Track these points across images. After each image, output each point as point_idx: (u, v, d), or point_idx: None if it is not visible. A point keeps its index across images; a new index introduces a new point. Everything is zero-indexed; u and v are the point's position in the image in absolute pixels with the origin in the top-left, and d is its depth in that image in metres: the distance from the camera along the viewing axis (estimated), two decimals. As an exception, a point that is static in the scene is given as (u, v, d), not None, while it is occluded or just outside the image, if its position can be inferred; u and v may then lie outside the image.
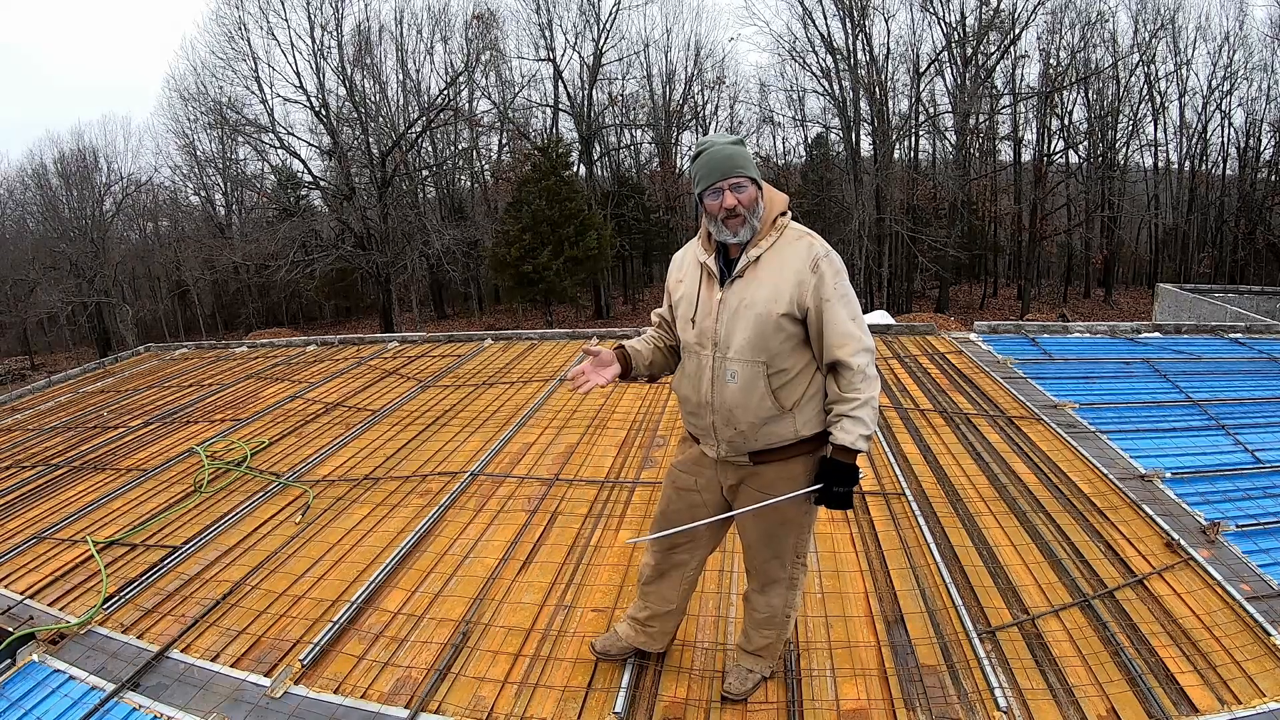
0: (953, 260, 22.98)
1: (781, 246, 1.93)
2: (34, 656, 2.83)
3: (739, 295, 1.93)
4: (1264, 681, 2.31)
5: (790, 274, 1.89)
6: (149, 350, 9.86)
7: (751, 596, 2.29)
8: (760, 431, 1.96)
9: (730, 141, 1.92)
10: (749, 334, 1.90)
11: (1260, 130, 23.66)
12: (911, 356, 6.38)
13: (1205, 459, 4.03)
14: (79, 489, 4.66)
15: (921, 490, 3.74)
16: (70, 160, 26.08)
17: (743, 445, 2.00)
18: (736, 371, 1.93)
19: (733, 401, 1.94)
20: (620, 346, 2.13)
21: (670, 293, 2.15)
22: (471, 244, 23.96)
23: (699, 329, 2.00)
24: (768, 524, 2.13)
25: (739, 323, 1.92)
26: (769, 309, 1.88)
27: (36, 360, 25.50)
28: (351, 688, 2.51)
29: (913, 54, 23.29)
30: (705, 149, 1.92)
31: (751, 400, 1.93)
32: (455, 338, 8.54)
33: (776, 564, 2.19)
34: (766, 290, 1.90)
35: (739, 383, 1.93)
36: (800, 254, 1.91)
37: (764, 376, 1.91)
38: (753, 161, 1.93)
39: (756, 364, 1.91)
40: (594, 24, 25.24)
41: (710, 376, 1.97)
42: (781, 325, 1.89)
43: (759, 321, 1.89)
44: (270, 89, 23.39)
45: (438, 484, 4.20)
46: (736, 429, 1.97)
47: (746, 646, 2.34)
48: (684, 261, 2.13)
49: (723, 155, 1.89)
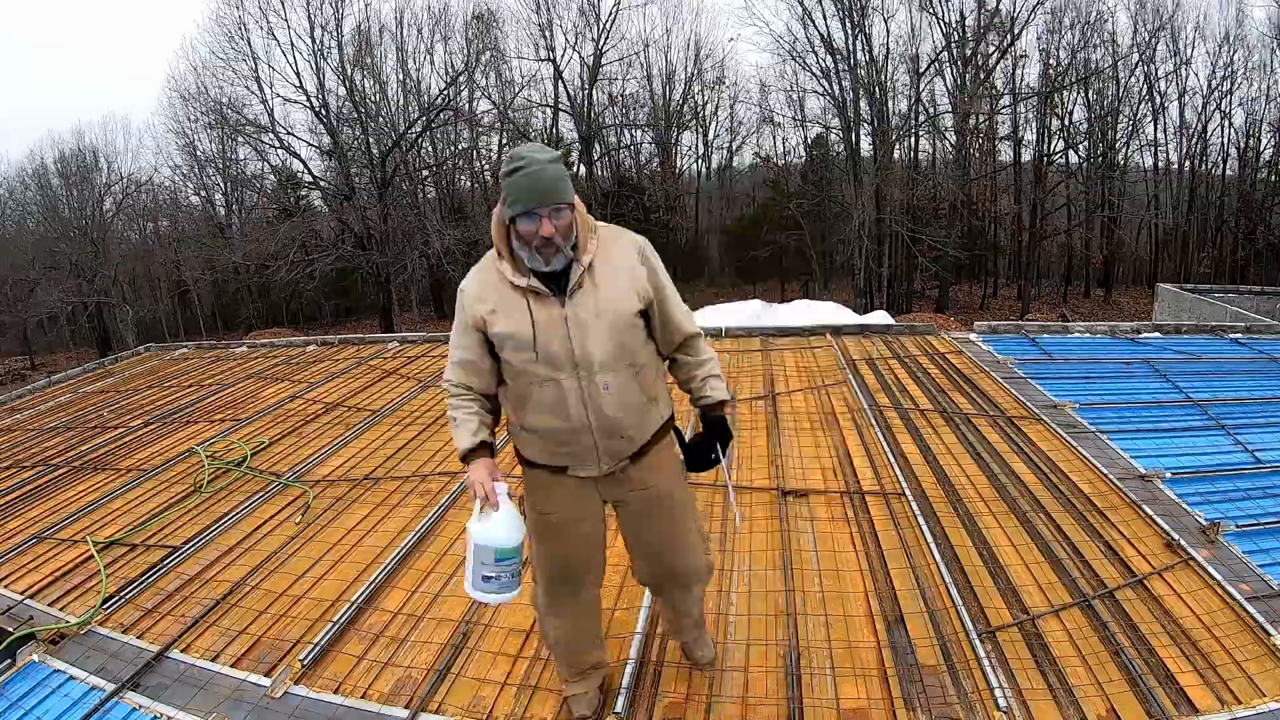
0: (953, 260, 22.94)
1: (606, 248, 1.85)
2: (34, 656, 2.83)
3: (584, 307, 1.79)
4: (1264, 681, 2.31)
5: (625, 272, 1.85)
6: (149, 350, 9.85)
7: (677, 601, 2.27)
8: (642, 429, 1.94)
9: (550, 160, 1.73)
10: (611, 343, 1.81)
11: (1260, 130, 23.64)
12: (911, 356, 6.38)
13: (1205, 459, 4.03)
14: (79, 489, 4.67)
15: (921, 490, 3.74)
16: (70, 160, 26.08)
17: (627, 448, 1.93)
18: (610, 383, 1.83)
19: (613, 412, 1.85)
20: (478, 450, 1.93)
21: (480, 330, 1.86)
22: (471, 244, 23.91)
23: (546, 356, 1.79)
24: (668, 515, 2.07)
25: (596, 334, 1.79)
26: (621, 313, 1.82)
27: (36, 360, 25.47)
28: (351, 688, 2.51)
29: (912, 54, 23.28)
30: (521, 167, 1.70)
31: (629, 402, 1.88)
32: (455, 338, 8.52)
33: (692, 554, 2.15)
34: (614, 293, 1.82)
35: (615, 393, 1.84)
36: (626, 249, 1.88)
37: (634, 378, 1.88)
38: (569, 183, 1.77)
39: (625, 367, 1.85)
40: (594, 24, 25.24)
41: (580, 398, 1.82)
42: (636, 323, 1.86)
43: (616, 328, 1.81)
44: (270, 89, 23.31)
45: (438, 484, 4.20)
46: (624, 436, 1.90)
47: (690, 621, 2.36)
48: (487, 292, 1.84)
49: (544, 179, 1.70)
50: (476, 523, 1.87)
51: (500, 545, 1.86)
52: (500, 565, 1.87)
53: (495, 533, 1.86)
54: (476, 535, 1.87)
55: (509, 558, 1.88)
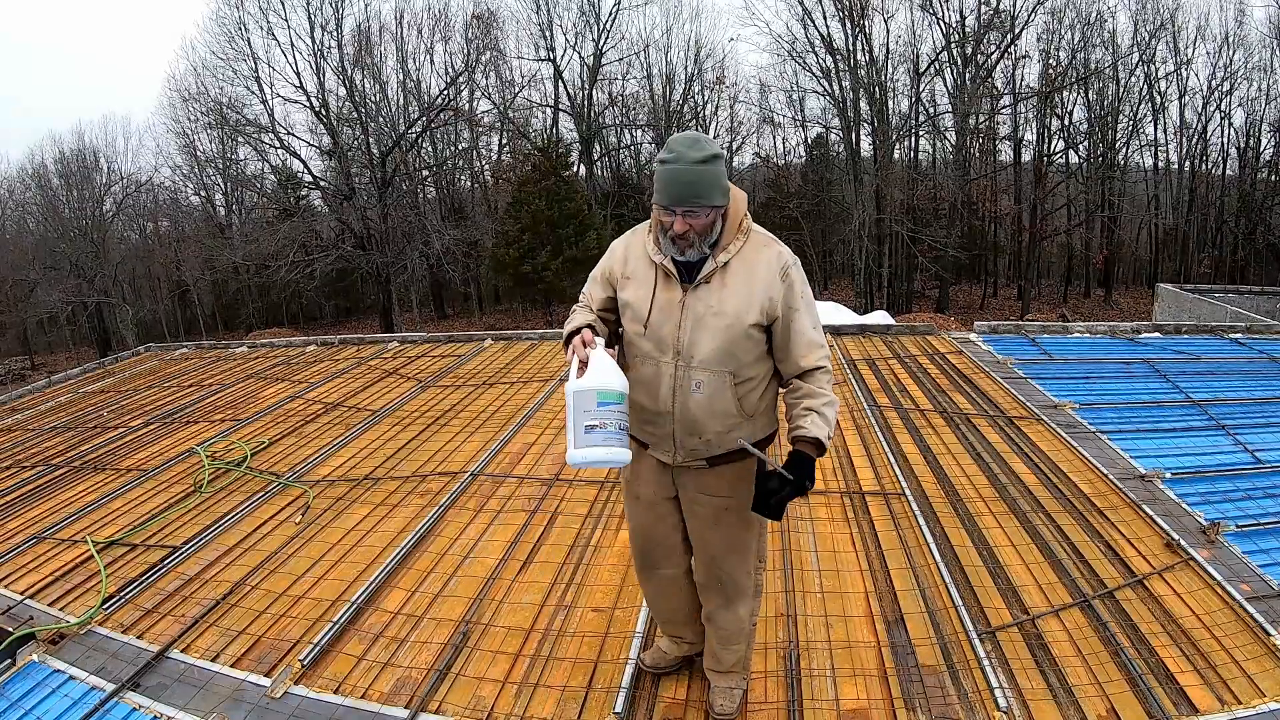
0: (953, 260, 22.97)
1: (749, 252, 1.83)
2: (34, 656, 2.83)
3: (705, 302, 1.81)
4: (1264, 681, 2.31)
5: (760, 282, 1.80)
6: (149, 350, 9.85)
7: (716, 614, 2.17)
8: (724, 439, 1.89)
9: (699, 160, 1.70)
10: (717, 344, 1.80)
11: (1260, 130, 23.66)
12: (911, 356, 6.38)
13: (1205, 459, 4.03)
14: (79, 489, 4.66)
15: (921, 490, 3.74)
16: (70, 160, 26.09)
17: (705, 452, 1.91)
18: (703, 382, 1.82)
19: (698, 412, 1.84)
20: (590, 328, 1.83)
21: (613, 285, 1.95)
22: (471, 244, 23.95)
23: (655, 335, 1.84)
24: (731, 530, 2.03)
25: (705, 332, 1.80)
26: (740, 319, 1.79)
27: (36, 360, 25.48)
28: (351, 688, 2.51)
29: (912, 54, 23.31)
30: (668, 160, 1.72)
31: (717, 409, 1.84)
32: (455, 338, 8.54)
33: (743, 572, 2.10)
34: (737, 298, 1.79)
35: (705, 393, 1.83)
36: (769, 261, 1.82)
37: (731, 386, 1.83)
38: (719, 183, 1.73)
39: (724, 374, 1.82)
40: (594, 24, 25.25)
41: (672, 385, 1.84)
42: (750, 334, 1.81)
43: (729, 331, 1.79)
44: (270, 89, 23.34)
45: (438, 484, 4.20)
46: (702, 438, 1.88)
47: (719, 667, 2.25)
48: (630, 256, 1.92)
49: (682, 181, 1.71)
50: (574, 380, 1.73)
51: (602, 387, 1.70)
52: (603, 410, 1.69)
53: (595, 375, 1.71)
54: (575, 385, 1.71)
55: (612, 401, 1.71)
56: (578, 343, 1.76)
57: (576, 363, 1.74)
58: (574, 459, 1.72)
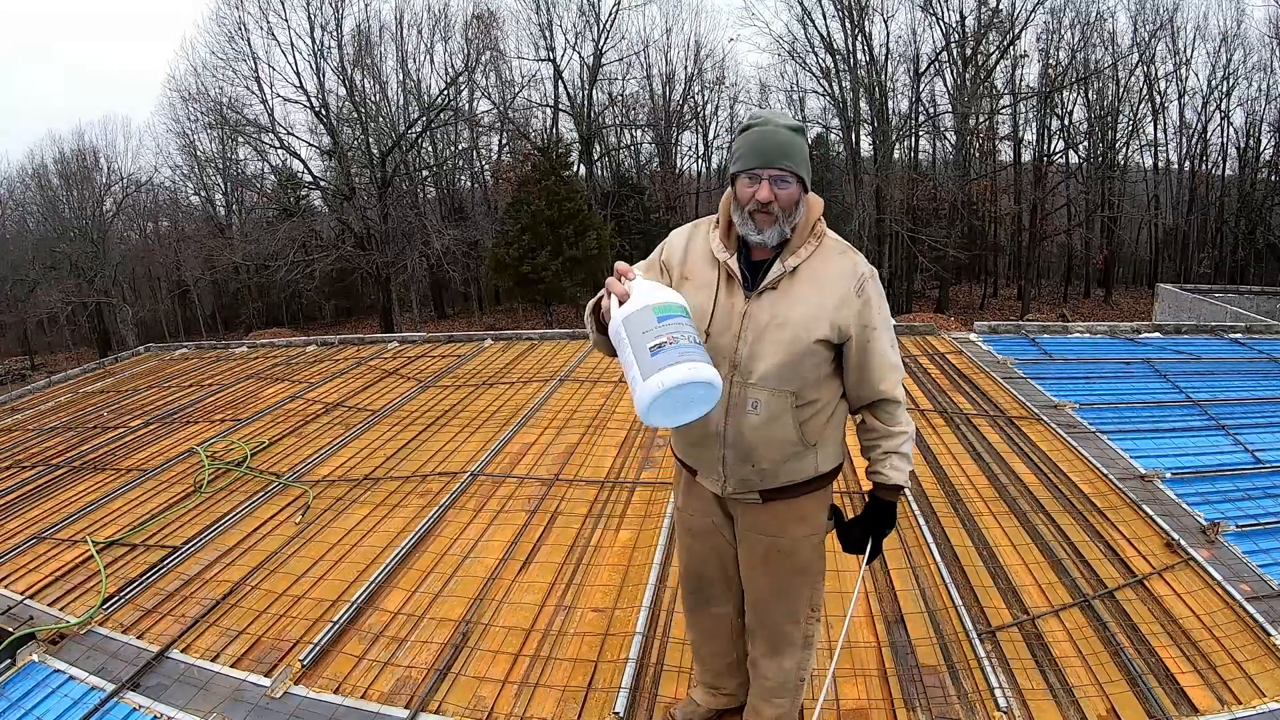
0: (953, 260, 22.97)
1: (821, 259, 1.64)
2: (34, 656, 2.83)
3: (769, 311, 1.61)
4: (1264, 681, 2.31)
5: (832, 293, 1.61)
6: (149, 350, 9.86)
7: (760, 662, 1.96)
8: (782, 469, 1.69)
9: (788, 125, 1.57)
10: (780, 358, 1.60)
11: (1260, 130, 23.66)
12: (911, 356, 6.38)
13: (1205, 459, 4.03)
14: (79, 489, 4.66)
15: (921, 490, 3.74)
16: (70, 160, 26.07)
17: (758, 484, 1.71)
18: (760, 401, 1.62)
19: (753, 436, 1.64)
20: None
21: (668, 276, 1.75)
22: (471, 244, 23.95)
23: (713, 344, 1.62)
24: (781, 573, 1.83)
25: (768, 344, 1.60)
26: (806, 332, 1.59)
27: (36, 360, 25.47)
28: (351, 688, 2.51)
29: (912, 54, 23.31)
30: (756, 124, 1.58)
31: (775, 435, 1.64)
32: (455, 338, 8.54)
33: (790, 622, 1.89)
34: (804, 309, 1.60)
35: (762, 415, 1.62)
36: (844, 271, 1.63)
37: (792, 409, 1.63)
38: (807, 158, 1.61)
39: (784, 394, 1.62)
40: (594, 24, 25.23)
41: (725, 404, 1.62)
42: (816, 351, 1.61)
43: (793, 345, 1.59)
44: (270, 89, 23.31)
45: (438, 484, 4.20)
46: (755, 466, 1.68)
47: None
48: (691, 251, 1.73)
49: (774, 141, 1.55)
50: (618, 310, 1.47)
51: (656, 301, 1.43)
52: (664, 324, 1.40)
53: (643, 294, 1.45)
54: (622, 311, 1.44)
55: (672, 314, 1.42)
56: (611, 281, 1.50)
57: (616, 302, 1.47)
58: (647, 394, 1.34)
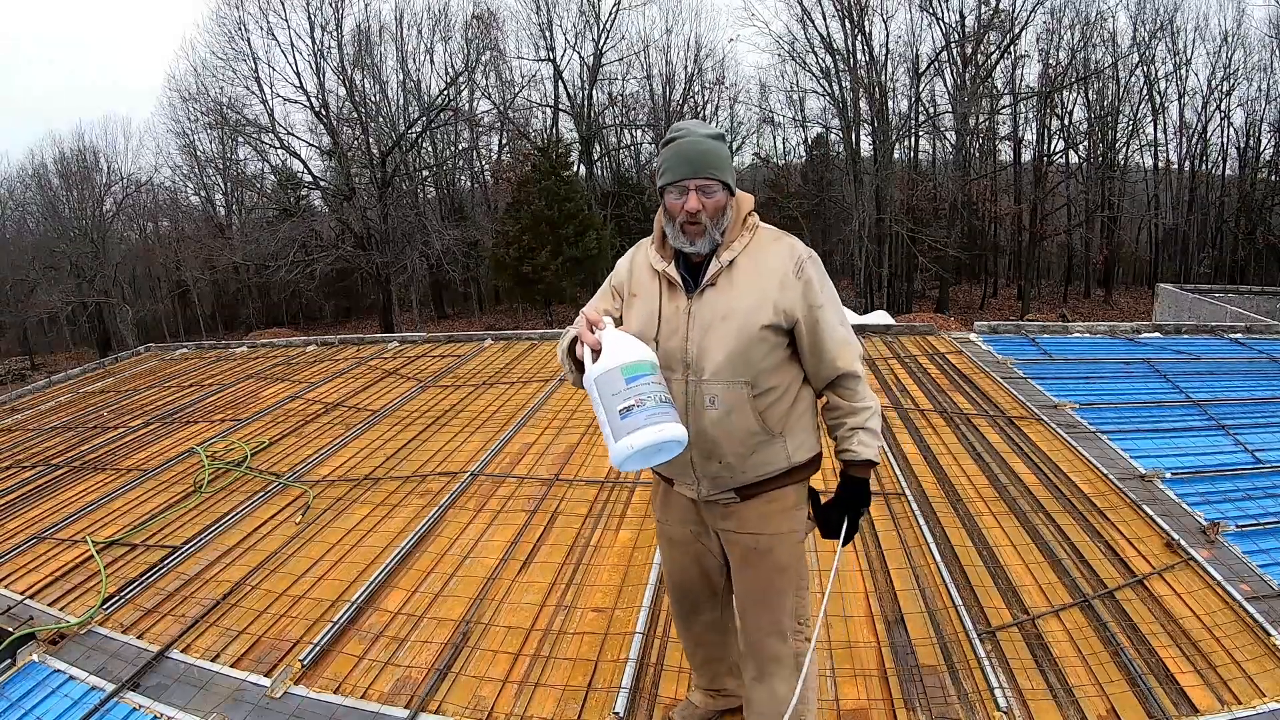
0: (953, 260, 22.97)
1: (757, 249, 1.67)
2: (34, 656, 2.83)
3: (712, 306, 1.64)
4: (1264, 681, 2.31)
5: (772, 279, 1.63)
6: (149, 350, 9.86)
7: (750, 689, 1.90)
8: (749, 462, 1.69)
9: (708, 135, 1.62)
10: (729, 350, 1.62)
11: (1260, 130, 23.66)
12: (911, 356, 6.38)
13: (1205, 459, 4.03)
14: (79, 489, 4.66)
15: (921, 490, 3.74)
16: (70, 160, 26.08)
17: (730, 480, 1.71)
18: (717, 395, 1.63)
19: (715, 431, 1.65)
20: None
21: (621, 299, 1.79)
22: (471, 244, 23.97)
23: (663, 350, 1.66)
24: (761, 571, 1.80)
25: (715, 338, 1.63)
26: (751, 319, 1.61)
27: (36, 360, 25.46)
28: (351, 688, 2.51)
29: (912, 54, 23.31)
30: (678, 136, 1.63)
31: (737, 427, 1.65)
32: (455, 338, 8.54)
33: (774, 634, 1.83)
34: (747, 299, 1.63)
35: (721, 409, 1.64)
36: (781, 256, 1.66)
37: (749, 399, 1.64)
38: (730, 163, 1.67)
39: (739, 384, 1.63)
40: (594, 24, 25.25)
41: (684, 405, 1.64)
42: (765, 337, 1.63)
43: (740, 335, 1.61)
44: (270, 89, 23.35)
45: (438, 484, 4.20)
46: (721, 462, 1.68)
47: None
48: (635, 270, 1.77)
49: (697, 150, 1.60)
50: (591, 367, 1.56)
51: (624, 362, 1.52)
52: (633, 386, 1.49)
53: (613, 353, 1.53)
54: (594, 371, 1.54)
55: (644, 374, 1.52)
56: (583, 330, 1.58)
57: (589, 353, 1.55)
58: (619, 455, 1.47)
